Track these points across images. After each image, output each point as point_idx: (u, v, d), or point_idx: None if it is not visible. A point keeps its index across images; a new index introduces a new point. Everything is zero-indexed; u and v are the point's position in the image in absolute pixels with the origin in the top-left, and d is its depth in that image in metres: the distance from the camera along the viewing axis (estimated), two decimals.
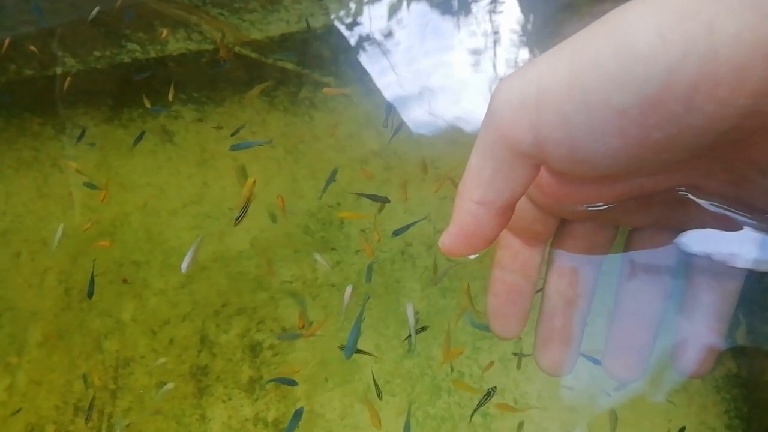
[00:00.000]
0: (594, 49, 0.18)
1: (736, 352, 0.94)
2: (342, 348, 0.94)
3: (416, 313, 0.99)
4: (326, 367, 1.00)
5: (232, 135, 1.11)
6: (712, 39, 0.16)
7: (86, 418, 0.98)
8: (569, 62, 0.19)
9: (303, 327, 1.00)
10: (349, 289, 0.97)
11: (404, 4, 1.20)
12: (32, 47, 1.18)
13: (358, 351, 0.94)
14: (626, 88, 0.18)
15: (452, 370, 0.98)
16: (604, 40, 0.18)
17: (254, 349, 1.04)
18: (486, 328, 0.86)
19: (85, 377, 1.02)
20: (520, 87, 0.20)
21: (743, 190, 0.22)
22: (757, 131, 0.18)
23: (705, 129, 0.18)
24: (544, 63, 0.20)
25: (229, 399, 1.01)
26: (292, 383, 0.98)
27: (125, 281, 1.08)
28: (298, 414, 0.92)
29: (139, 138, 1.14)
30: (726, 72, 0.16)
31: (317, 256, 1.04)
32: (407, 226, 1.02)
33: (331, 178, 1.06)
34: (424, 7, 1.20)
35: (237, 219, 0.89)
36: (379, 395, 0.95)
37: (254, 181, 1.02)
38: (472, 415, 0.91)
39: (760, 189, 0.22)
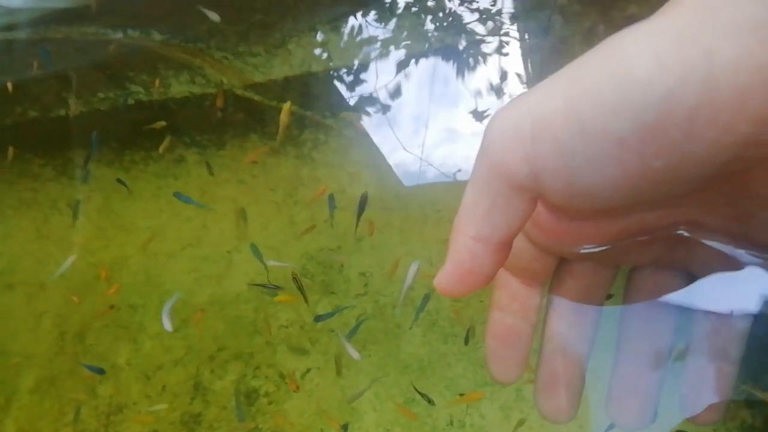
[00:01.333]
0: (590, 77, 0.18)
1: (750, 401, 0.91)
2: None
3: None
4: (322, 416, 0.97)
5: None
6: (710, 64, 0.16)
7: None
8: (565, 91, 0.18)
9: (297, 389, 0.97)
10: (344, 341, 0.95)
11: (406, 50, 1.21)
12: (38, 89, 1.19)
13: None
14: (624, 116, 0.17)
15: (452, 422, 0.95)
16: (600, 67, 0.18)
17: (249, 397, 1.01)
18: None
19: (74, 424, 0.99)
20: (514, 117, 0.19)
21: (747, 225, 0.21)
22: (759, 163, 0.18)
23: (706, 158, 0.17)
24: (540, 92, 0.19)
25: None
26: None
27: (112, 307, 1.06)
28: None
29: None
30: (726, 98, 0.16)
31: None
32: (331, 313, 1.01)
33: (331, 206, 1.05)
34: (427, 54, 1.21)
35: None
36: None
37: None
38: None
39: (764, 224, 0.21)
